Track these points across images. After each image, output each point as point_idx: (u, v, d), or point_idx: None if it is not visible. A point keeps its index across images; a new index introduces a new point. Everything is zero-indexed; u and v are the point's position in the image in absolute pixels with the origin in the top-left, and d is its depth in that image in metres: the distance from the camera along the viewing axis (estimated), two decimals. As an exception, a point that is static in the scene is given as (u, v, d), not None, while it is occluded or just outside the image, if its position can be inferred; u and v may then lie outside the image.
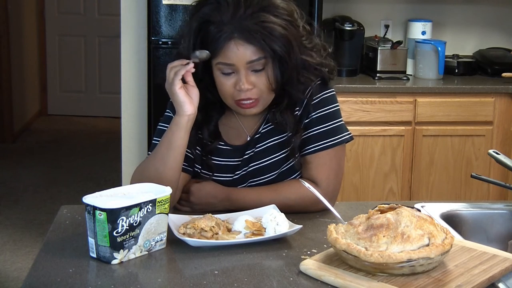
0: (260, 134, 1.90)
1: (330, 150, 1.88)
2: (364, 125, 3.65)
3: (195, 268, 1.51)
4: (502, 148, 3.73)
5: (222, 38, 1.73)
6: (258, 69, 1.76)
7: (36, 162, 5.84)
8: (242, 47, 1.73)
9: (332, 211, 1.71)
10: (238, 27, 1.72)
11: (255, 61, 1.75)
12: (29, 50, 7.08)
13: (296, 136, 1.86)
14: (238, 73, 1.76)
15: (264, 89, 1.78)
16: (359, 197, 3.69)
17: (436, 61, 3.83)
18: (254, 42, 1.73)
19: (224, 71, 1.77)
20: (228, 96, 1.80)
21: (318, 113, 1.87)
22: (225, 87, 1.78)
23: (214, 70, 1.79)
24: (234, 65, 1.75)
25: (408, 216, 1.47)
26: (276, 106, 1.86)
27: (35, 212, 4.67)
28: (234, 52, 1.73)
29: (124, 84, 3.90)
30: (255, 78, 1.77)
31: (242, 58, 1.74)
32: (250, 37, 1.72)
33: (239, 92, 1.77)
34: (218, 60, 1.76)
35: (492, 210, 1.98)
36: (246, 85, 1.75)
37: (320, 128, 1.88)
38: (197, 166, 1.91)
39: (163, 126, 1.89)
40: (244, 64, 1.74)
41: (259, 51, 1.74)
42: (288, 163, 1.89)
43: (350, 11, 4.10)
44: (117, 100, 4.35)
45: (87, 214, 1.52)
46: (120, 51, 3.88)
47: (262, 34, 1.72)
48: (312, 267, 1.47)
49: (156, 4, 3.59)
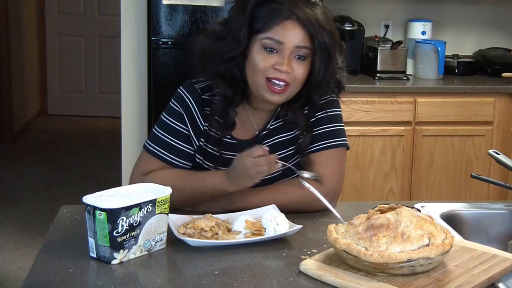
0: (268, 130, 1.91)
1: (334, 150, 1.90)
2: (364, 125, 3.65)
3: (195, 268, 1.51)
4: (502, 148, 3.73)
5: (282, 15, 1.76)
6: (301, 58, 1.79)
7: (36, 162, 5.84)
8: (296, 29, 1.77)
9: (332, 211, 1.71)
10: (298, 11, 1.77)
11: (302, 47, 1.78)
12: (29, 50, 7.08)
13: (306, 135, 1.89)
14: (281, 53, 1.77)
15: (298, 79, 1.80)
16: (359, 197, 3.69)
17: (436, 61, 3.84)
18: (308, 29, 1.77)
19: (269, 47, 1.78)
20: (261, 73, 1.79)
21: (324, 113, 1.91)
22: (262, 63, 1.78)
23: (254, 45, 1.79)
24: (283, 44, 1.77)
25: (408, 216, 1.47)
26: (289, 104, 1.88)
27: (35, 212, 4.67)
28: (290, 31, 1.77)
29: (124, 84, 3.90)
30: (296, 65, 1.79)
31: (293, 39, 1.77)
32: (307, 23, 1.77)
33: (275, 71, 1.77)
34: (268, 35, 1.77)
35: (492, 210, 1.98)
36: (286, 67, 1.77)
37: (325, 128, 1.91)
38: (199, 157, 1.90)
39: (168, 119, 1.89)
40: (292, 46, 1.77)
41: (308, 40, 1.78)
42: (293, 161, 1.90)
43: (350, 11, 4.10)
44: (117, 100, 4.35)
45: (87, 214, 1.52)
46: (120, 51, 3.89)
47: (316, 26, 1.77)
48: (312, 267, 1.47)
49: (156, 4, 3.59)
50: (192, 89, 1.91)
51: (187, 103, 1.89)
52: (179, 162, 1.88)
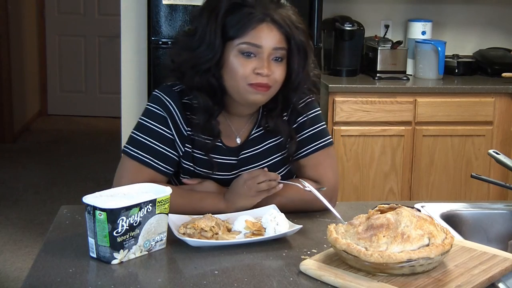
0: (253, 137, 1.89)
1: (322, 150, 1.90)
2: (364, 125, 3.65)
3: (195, 268, 1.51)
4: (502, 148, 3.73)
5: (256, 18, 1.74)
6: (279, 59, 1.78)
7: (36, 162, 5.84)
8: (273, 31, 1.76)
9: (332, 211, 1.71)
10: (272, 13, 1.76)
11: (279, 49, 1.77)
12: (29, 50, 7.08)
13: (291, 143, 1.88)
14: (260, 57, 1.75)
15: (278, 81, 1.79)
16: (359, 197, 3.69)
17: (436, 61, 3.84)
18: (284, 30, 1.76)
19: (247, 52, 1.75)
20: (242, 79, 1.76)
21: (305, 117, 1.90)
22: (242, 69, 1.75)
23: (230, 52, 1.76)
24: (261, 47, 1.75)
25: (408, 216, 1.47)
26: (268, 111, 1.87)
27: (35, 212, 4.67)
28: (266, 34, 1.75)
29: (124, 84, 3.90)
30: (274, 68, 1.77)
31: (270, 42, 1.75)
32: (282, 25, 1.76)
33: (256, 76, 1.75)
34: (244, 40, 1.75)
35: (492, 210, 1.98)
36: (267, 70, 1.75)
37: (310, 131, 1.90)
38: (187, 163, 1.86)
39: (150, 123, 1.83)
40: (270, 48, 1.75)
41: (284, 41, 1.77)
42: (283, 170, 1.90)
43: (350, 11, 4.10)
44: (117, 100, 4.35)
45: (87, 214, 1.52)
46: (120, 51, 3.88)
47: (291, 26, 1.77)
48: (312, 267, 1.47)
49: (156, 4, 3.59)
50: (171, 92, 1.85)
51: (169, 107, 1.83)
52: (164, 168, 1.82)
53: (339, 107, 3.60)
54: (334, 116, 3.61)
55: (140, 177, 1.77)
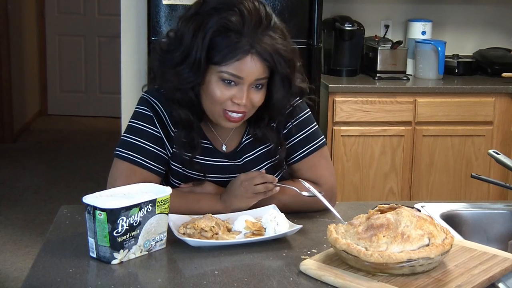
0: (244, 144, 1.89)
1: (316, 152, 1.90)
2: (364, 125, 3.65)
3: (195, 268, 1.51)
4: (502, 148, 3.73)
5: (241, 49, 1.68)
6: (259, 86, 1.75)
7: (36, 162, 5.84)
8: (257, 65, 1.70)
9: (332, 211, 1.71)
10: (257, 44, 1.69)
11: (261, 79, 1.73)
12: (29, 50, 7.07)
13: (281, 150, 1.87)
14: (240, 87, 1.72)
15: (256, 105, 1.77)
16: (359, 197, 3.69)
17: (436, 61, 3.84)
18: (266, 61, 1.71)
19: (227, 80, 1.72)
20: (218, 104, 1.74)
21: (295, 121, 1.89)
22: (220, 95, 1.72)
23: (212, 76, 1.73)
24: (242, 79, 1.71)
25: (408, 216, 1.47)
26: (255, 122, 1.85)
27: (35, 212, 4.67)
28: (249, 67, 1.70)
29: (124, 84, 3.90)
30: (253, 95, 1.74)
31: (253, 74, 1.71)
32: (267, 57, 1.70)
33: (233, 104, 1.73)
34: (227, 70, 1.70)
35: (492, 210, 1.98)
36: (245, 101, 1.72)
37: (301, 135, 1.90)
38: (176, 165, 1.85)
39: (138, 123, 1.82)
40: (252, 80, 1.72)
41: (267, 71, 1.73)
42: (277, 176, 1.88)
43: (350, 11, 4.10)
44: (117, 100, 4.35)
45: (87, 214, 1.52)
46: (120, 51, 3.88)
47: (276, 57, 1.71)
48: (312, 267, 1.47)
49: (156, 4, 3.59)
50: (157, 94, 1.84)
51: (155, 107, 1.82)
52: (156, 168, 1.81)
53: (339, 107, 3.60)
54: (334, 116, 3.61)
55: (133, 178, 1.76)
